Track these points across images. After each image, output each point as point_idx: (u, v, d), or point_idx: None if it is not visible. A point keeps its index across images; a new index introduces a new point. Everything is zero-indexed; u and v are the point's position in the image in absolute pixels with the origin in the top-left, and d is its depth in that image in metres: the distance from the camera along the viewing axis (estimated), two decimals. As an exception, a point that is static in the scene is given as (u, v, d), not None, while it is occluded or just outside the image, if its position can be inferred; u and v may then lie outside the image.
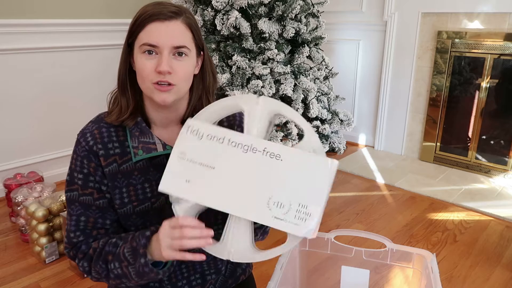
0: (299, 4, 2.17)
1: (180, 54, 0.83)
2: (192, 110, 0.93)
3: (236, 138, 0.76)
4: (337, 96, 2.57)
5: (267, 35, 2.16)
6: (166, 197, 0.86)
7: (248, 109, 0.77)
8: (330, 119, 2.43)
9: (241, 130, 0.99)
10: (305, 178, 0.73)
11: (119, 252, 0.83)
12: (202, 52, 0.91)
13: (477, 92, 2.84)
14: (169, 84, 0.82)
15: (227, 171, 0.75)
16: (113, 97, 0.91)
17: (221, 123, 0.97)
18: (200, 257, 0.77)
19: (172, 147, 0.89)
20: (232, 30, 2.12)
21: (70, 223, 0.89)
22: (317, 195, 0.73)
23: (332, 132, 2.45)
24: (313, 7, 2.34)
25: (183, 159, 0.77)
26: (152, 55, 0.81)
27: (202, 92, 0.93)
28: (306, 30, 2.32)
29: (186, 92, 0.89)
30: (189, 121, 0.78)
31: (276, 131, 2.19)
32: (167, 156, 0.90)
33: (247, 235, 0.78)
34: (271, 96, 2.19)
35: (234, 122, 0.99)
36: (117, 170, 0.88)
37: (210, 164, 0.76)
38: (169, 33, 0.81)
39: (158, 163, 0.90)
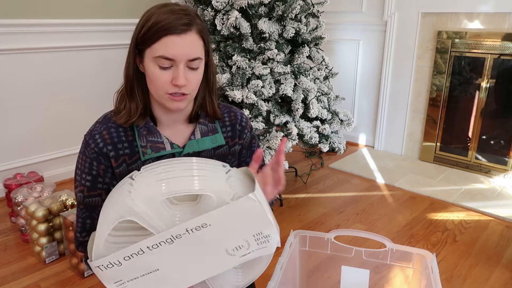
0: (299, 4, 2.16)
1: (193, 67, 0.84)
2: (198, 108, 0.95)
3: (151, 242, 0.65)
4: (337, 96, 2.57)
5: (267, 35, 2.15)
6: None
7: (133, 214, 0.66)
8: (330, 119, 2.43)
9: (241, 129, 1.00)
10: (243, 223, 0.67)
11: None
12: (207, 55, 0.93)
13: (477, 92, 2.83)
14: (183, 94, 0.85)
15: (173, 264, 0.69)
16: (120, 95, 0.92)
17: (223, 122, 0.99)
18: None
19: (178, 146, 0.92)
20: (232, 30, 2.12)
21: (78, 224, 0.93)
22: (262, 220, 0.68)
23: (332, 132, 2.44)
24: (313, 7, 2.34)
25: (124, 283, 0.69)
26: (167, 68, 0.83)
27: (206, 90, 0.95)
28: (306, 30, 2.32)
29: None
30: (94, 264, 0.67)
31: (276, 131, 2.19)
32: (174, 155, 0.92)
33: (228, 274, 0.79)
34: (271, 96, 2.19)
35: (235, 121, 1.01)
36: (127, 170, 0.90)
37: (151, 270, 0.69)
38: (185, 47, 0.82)
39: None
